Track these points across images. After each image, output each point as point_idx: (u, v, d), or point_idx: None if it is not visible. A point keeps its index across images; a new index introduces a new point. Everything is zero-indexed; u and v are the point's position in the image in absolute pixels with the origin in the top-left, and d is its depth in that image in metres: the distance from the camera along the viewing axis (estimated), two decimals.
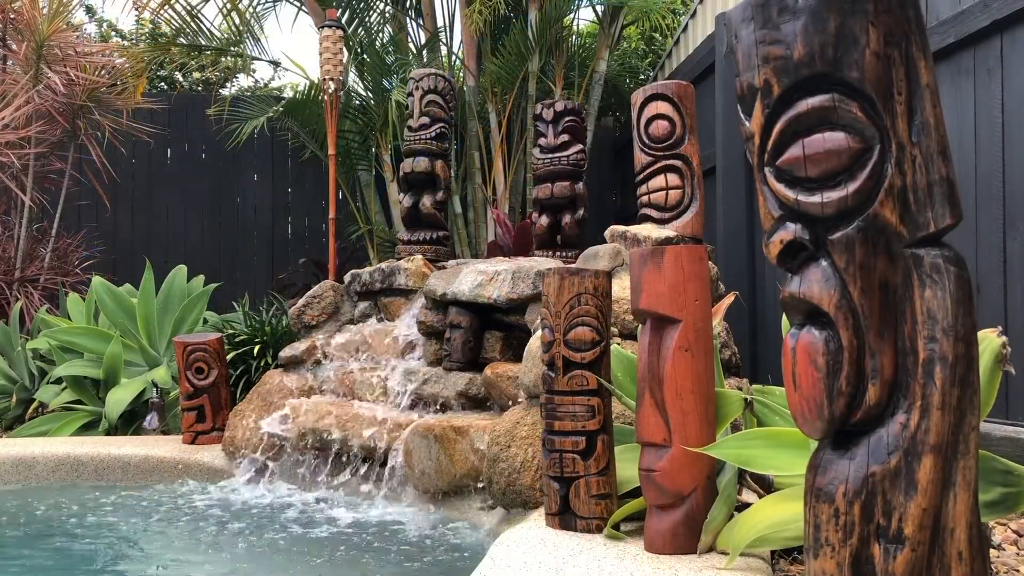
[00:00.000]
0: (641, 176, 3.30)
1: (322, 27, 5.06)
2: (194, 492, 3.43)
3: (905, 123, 1.18)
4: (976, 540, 1.20)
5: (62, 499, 3.33)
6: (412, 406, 3.35)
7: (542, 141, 4.03)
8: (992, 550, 2.04)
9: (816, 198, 1.21)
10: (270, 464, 3.51)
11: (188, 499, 3.31)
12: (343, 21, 6.32)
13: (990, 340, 1.59)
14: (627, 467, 2.13)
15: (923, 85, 1.18)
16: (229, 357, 4.34)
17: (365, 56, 6.49)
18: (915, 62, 1.18)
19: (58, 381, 4.61)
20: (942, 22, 2.99)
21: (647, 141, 3.25)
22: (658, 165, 3.24)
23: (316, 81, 6.20)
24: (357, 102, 6.59)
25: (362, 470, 3.29)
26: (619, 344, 2.58)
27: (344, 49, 5.28)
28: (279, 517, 3.00)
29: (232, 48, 6.88)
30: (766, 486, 2.14)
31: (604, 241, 3.15)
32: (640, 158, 3.30)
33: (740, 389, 2.44)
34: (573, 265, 2.78)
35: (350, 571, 2.41)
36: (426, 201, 4.06)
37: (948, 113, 2.93)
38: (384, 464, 3.13)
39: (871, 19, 1.17)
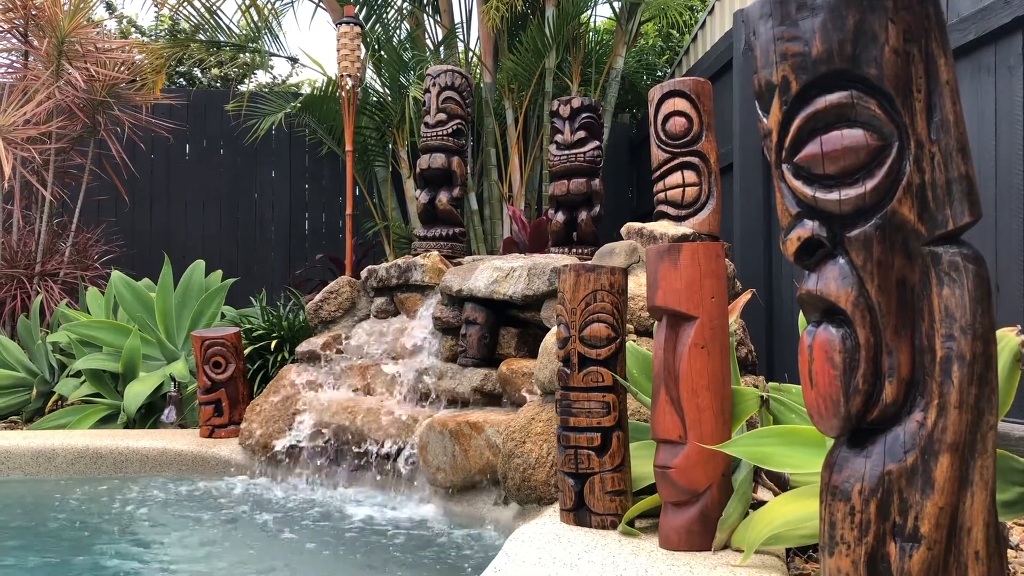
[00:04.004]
0: (658, 173, 3.30)
1: (340, 23, 5.08)
2: (211, 486, 3.45)
3: (924, 120, 1.17)
4: (993, 540, 1.20)
5: (81, 491, 3.37)
6: (427, 401, 3.37)
7: (558, 138, 4.03)
8: (1010, 550, 2.02)
9: (834, 195, 1.20)
10: (286, 458, 3.53)
11: (205, 492, 3.33)
12: (360, 17, 6.34)
13: (1009, 339, 1.58)
14: (642, 464, 2.13)
15: (943, 82, 1.18)
16: (246, 351, 4.37)
17: (382, 52, 6.50)
18: (934, 59, 1.18)
19: (77, 374, 4.65)
20: (963, 19, 2.96)
21: (664, 138, 3.24)
22: (675, 162, 3.23)
23: (333, 77, 6.22)
24: (374, 98, 6.61)
25: (377, 465, 3.30)
26: (635, 341, 2.57)
27: (362, 45, 5.29)
28: (294, 511, 3.02)
29: (250, 44, 6.92)
30: (781, 484, 2.13)
31: (620, 238, 3.14)
32: (657, 155, 3.29)
33: (756, 387, 2.43)
34: (589, 262, 2.78)
35: (364, 565, 2.43)
36: (442, 197, 4.07)
37: (968, 110, 2.90)
38: (399, 459, 3.15)
39: (890, 16, 1.16)
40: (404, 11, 6.81)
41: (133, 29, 9.70)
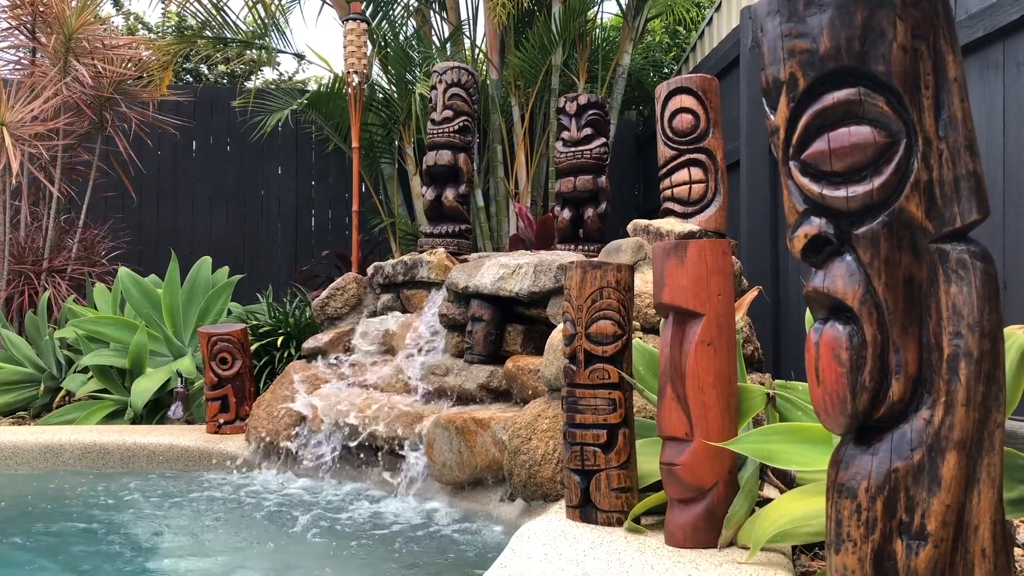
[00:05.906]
0: (664, 170, 3.29)
1: (346, 20, 5.08)
2: (217, 481, 3.46)
3: (932, 117, 1.17)
4: (1000, 538, 1.20)
5: (88, 487, 3.38)
6: (434, 398, 3.37)
7: (565, 135, 4.03)
8: (1017, 548, 2.02)
9: (841, 192, 1.20)
10: (292, 454, 3.54)
11: (211, 488, 3.34)
12: (367, 14, 6.34)
13: (1016, 337, 1.58)
14: (648, 461, 2.13)
15: (951, 79, 1.17)
16: (253, 348, 4.38)
17: (389, 49, 6.51)
18: (943, 56, 1.17)
19: (85, 370, 4.67)
20: (971, 15, 2.95)
21: (671, 135, 3.24)
22: (682, 159, 3.23)
23: (340, 74, 6.22)
24: (381, 95, 6.62)
25: (383, 461, 3.31)
26: (641, 338, 2.57)
27: (368, 42, 5.29)
28: (299, 506, 3.03)
29: (257, 41, 6.92)
30: (788, 481, 2.13)
31: (626, 235, 3.14)
32: (663, 152, 3.29)
33: (762, 384, 2.43)
34: (595, 259, 2.78)
35: (369, 562, 2.43)
36: (448, 194, 4.07)
37: (976, 107, 2.89)
38: (405, 456, 3.15)
39: (898, 12, 1.16)
40: (410, 8, 6.81)
41: (140, 26, 9.72)
